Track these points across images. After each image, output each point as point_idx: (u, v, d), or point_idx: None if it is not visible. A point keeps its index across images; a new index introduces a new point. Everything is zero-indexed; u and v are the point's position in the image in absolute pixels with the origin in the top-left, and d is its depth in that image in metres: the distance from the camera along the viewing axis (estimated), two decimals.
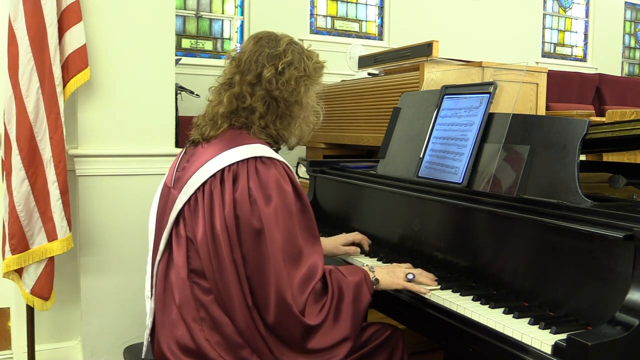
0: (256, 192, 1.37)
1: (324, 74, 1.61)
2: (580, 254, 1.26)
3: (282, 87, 1.48)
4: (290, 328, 1.36)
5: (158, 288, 1.48)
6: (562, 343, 1.10)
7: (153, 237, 1.57)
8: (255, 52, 1.51)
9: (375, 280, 1.51)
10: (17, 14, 2.22)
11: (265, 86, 1.48)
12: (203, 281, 1.41)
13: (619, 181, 1.72)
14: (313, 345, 1.38)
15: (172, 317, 1.42)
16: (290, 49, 1.53)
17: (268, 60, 1.49)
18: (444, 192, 1.66)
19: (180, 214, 1.45)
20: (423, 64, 2.76)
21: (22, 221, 2.26)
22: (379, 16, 6.13)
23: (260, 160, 1.41)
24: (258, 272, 1.35)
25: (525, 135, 1.55)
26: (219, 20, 5.43)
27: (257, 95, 1.48)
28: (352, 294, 1.43)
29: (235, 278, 1.36)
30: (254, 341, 1.38)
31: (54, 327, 2.66)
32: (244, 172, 1.39)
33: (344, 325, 1.40)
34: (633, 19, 7.97)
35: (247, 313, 1.36)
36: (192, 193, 1.43)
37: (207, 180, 1.42)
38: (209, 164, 1.43)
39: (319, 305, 1.39)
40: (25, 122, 2.24)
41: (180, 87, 3.77)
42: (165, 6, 2.58)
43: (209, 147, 1.49)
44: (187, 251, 1.43)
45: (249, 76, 1.49)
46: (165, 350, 1.42)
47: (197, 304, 1.40)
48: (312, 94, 1.57)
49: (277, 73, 1.48)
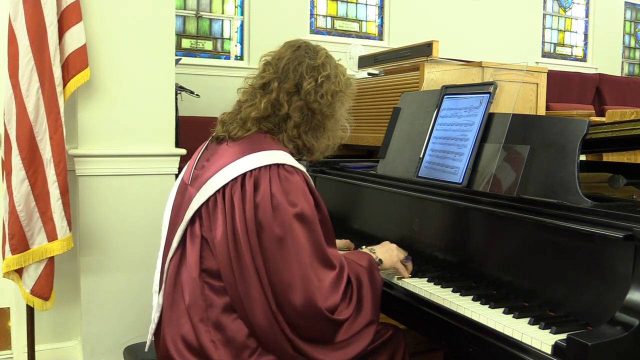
0: (280, 197, 1.37)
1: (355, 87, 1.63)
2: (580, 254, 1.26)
3: (321, 100, 1.49)
4: (322, 328, 1.38)
5: (168, 285, 1.47)
6: (562, 343, 1.11)
7: (166, 232, 1.56)
8: (294, 61, 1.51)
9: (379, 260, 1.58)
10: (17, 14, 2.22)
11: (304, 97, 1.49)
12: (215, 281, 1.40)
13: (619, 181, 1.72)
14: (340, 337, 1.40)
15: (180, 315, 1.42)
16: (328, 62, 1.54)
17: (307, 71, 1.50)
18: (444, 192, 1.67)
19: (196, 213, 1.45)
20: (423, 64, 2.76)
21: (22, 221, 2.26)
22: (379, 16, 6.14)
23: (283, 167, 1.41)
24: (282, 279, 1.35)
25: (525, 135, 1.55)
26: (219, 20, 5.43)
27: (294, 105, 1.48)
28: (368, 279, 1.48)
29: (257, 281, 1.36)
30: (276, 343, 1.38)
31: (54, 327, 2.66)
32: (266, 177, 1.39)
33: (366, 312, 1.45)
34: (633, 19, 7.98)
35: (270, 317, 1.36)
36: (211, 194, 1.43)
37: (228, 183, 1.41)
38: (231, 166, 1.43)
39: (347, 300, 1.42)
40: (25, 122, 2.23)
41: (180, 87, 3.77)
42: (165, 6, 2.58)
43: (232, 147, 1.48)
44: (200, 250, 1.42)
45: (287, 84, 1.49)
46: (170, 347, 1.42)
47: (206, 304, 1.40)
48: (344, 110, 1.60)
49: (316, 85, 1.49)
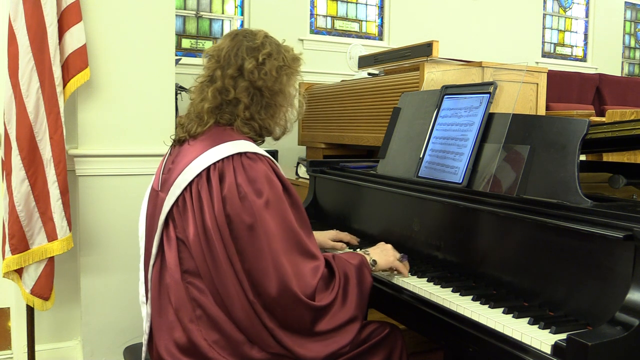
0: (246, 187, 1.37)
1: (302, 61, 1.61)
2: (580, 254, 1.26)
3: (265, 77, 1.49)
4: (299, 315, 1.37)
5: (153, 292, 1.47)
6: (562, 343, 1.10)
7: (144, 243, 1.56)
8: (234, 47, 1.51)
9: (373, 262, 1.57)
10: (17, 14, 2.22)
11: (247, 77, 1.48)
12: (198, 281, 1.40)
13: (619, 181, 1.72)
14: (322, 327, 1.39)
15: (169, 319, 1.42)
16: (268, 41, 1.54)
17: (247, 53, 1.49)
18: (444, 192, 1.66)
19: (169, 215, 1.45)
20: (423, 64, 2.76)
21: (22, 221, 2.26)
22: (379, 16, 6.13)
23: (245, 155, 1.41)
24: (256, 266, 1.35)
25: (525, 135, 1.55)
26: (219, 20, 5.43)
27: (240, 86, 1.48)
28: (356, 276, 1.47)
29: (232, 274, 1.36)
30: (258, 335, 1.38)
31: (54, 327, 2.66)
32: (229, 168, 1.39)
33: (350, 306, 1.43)
34: (633, 19, 7.97)
35: (248, 308, 1.36)
36: (179, 194, 1.43)
37: (193, 180, 1.41)
38: (194, 163, 1.43)
39: (328, 289, 1.41)
40: (25, 122, 2.24)
41: (180, 87, 3.77)
42: (165, 6, 2.58)
43: (194, 144, 1.48)
44: (178, 252, 1.42)
45: (230, 70, 1.48)
46: (163, 353, 1.41)
47: (193, 305, 1.39)
48: (293, 84, 1.58)
49: (258, 64, 1.49)
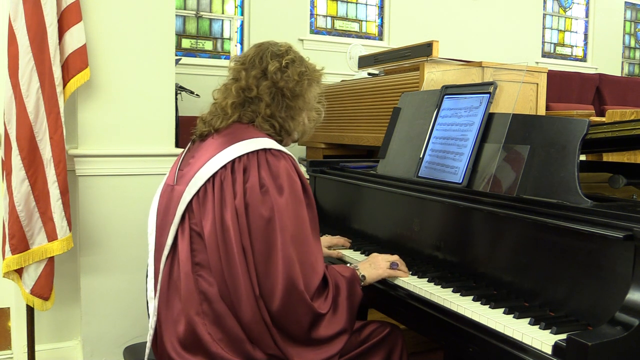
0: (268, 182, 1.40)
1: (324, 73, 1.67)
2: (580, 254, 1.26)
3: (287, 79, 1.55)
4: (300, 316, 1.37)
5: (162, 284, 1.47)
6: (562, 343, 1.10)
7: (154, 238, 1.56)
8: (259, 53, 1.58)
9: (362, 277, 1.57)
10: (17, 14, 2.22)
11: (270, 77, 1.54)
12: (207, 274, 1.41)
13: (619, 181, 1.72)
14: (318, 334, 1.39)
15: (175, 312, 1.42)
16: (292, 50, 1.62)
17: (272, 57, 1.57)
18: (444, 192, 1.66)
19: (187, 207, 1.46)
20: (423, 64, 2.76)
21: (22, 221, 2.26)
22: (379, 16, 6.14)
23: (270, 152, 1.45)
24: (265, 261, 1.36)
25: (525, 135, 1.55)
26: (219, 20, 5.43)
27: (262, 85, 1.54)
28: (346, 288, 1.48)
29: (244, 268, 1.36)
30: (260, 332, 1.38)
31: (54, 327, 2.66)
32: (254, 163, 1.42)
33: (341, 318, 1.44)
34: (633, 19, 7.98)
35: (254, 303, 1.37)
36: (201, 185, 1.44)
37: (218, 171, 1.43)
38: (218, 156, 1.45)
39: (323, 295, 1.42)
40: (25, 122, 2.23)
41: (180, 87, 3.77)
42: (165, 6, 2.58)
43: (217, 139, 1.51)
44: (190, 244, 1.43)
45: (254, 71, 1.55)
46: (169, 349, 1.41)
47: (200, 297, 1.40)
48: (314, 91, 1.62)
49: (281, 67, 1.55)
